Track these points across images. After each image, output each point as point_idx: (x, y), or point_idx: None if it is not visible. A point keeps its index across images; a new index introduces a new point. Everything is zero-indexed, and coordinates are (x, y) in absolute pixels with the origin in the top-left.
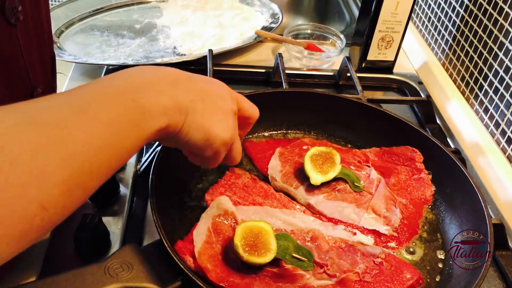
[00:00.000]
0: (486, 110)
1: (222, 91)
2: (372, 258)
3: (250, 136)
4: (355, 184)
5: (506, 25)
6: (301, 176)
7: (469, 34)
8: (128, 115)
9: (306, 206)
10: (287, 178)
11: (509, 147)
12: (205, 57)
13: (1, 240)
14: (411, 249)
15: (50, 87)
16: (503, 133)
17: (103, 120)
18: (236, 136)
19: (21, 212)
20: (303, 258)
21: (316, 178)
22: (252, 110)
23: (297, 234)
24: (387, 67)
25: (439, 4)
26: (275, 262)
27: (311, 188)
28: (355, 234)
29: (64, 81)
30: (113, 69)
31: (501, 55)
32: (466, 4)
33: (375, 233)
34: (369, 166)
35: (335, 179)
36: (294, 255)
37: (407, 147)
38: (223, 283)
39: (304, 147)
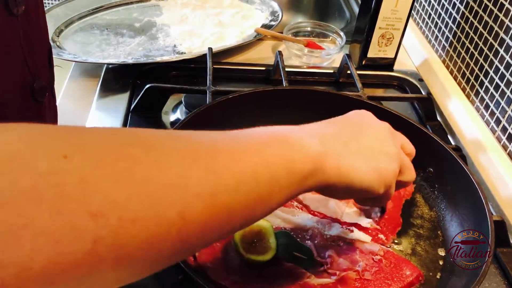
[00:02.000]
0: (487, 107)
1: (373, 121)
2: (371, 255)
3: None
4: None
5: (507, 21)
6: None
7: (469, 31)
8: (282, 151)
9: (296, 201)
10: None
11: (510, 144)
12: (205, 55)
13: (133, 242)
14: (411, 246)
15: (48, 79)
16: (504, 130)
17: (255, 148)
18: (401, 154)
19: (159, 213)
20: (303, 257)
21: None
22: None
23: (297, 232)
24: (388, 64)
25: (439, 0)
26: (275, 260)
27: None
28: (352, 231)
29: (64, 81)
30: (113, 67)
31: (501, 51)
32: (467, 1)
33: (359, 228)
34: None
35: None
36: (294, 253)
37: None
38: (223, 281)
39: None
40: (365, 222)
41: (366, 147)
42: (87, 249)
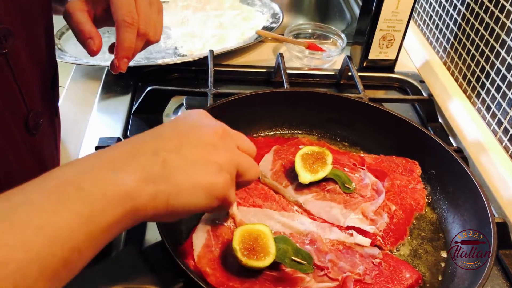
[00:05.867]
0: (488, 108)
1: (201, 126)
2: (370, 259)
3: (251, 135)
4: (346, 185)
5: (508, 22)
6: (292, 175)
7: (470, 32)
8: (72, 207)
9: (296, 205)
10: (277, 176)
11: (511, 145)
12: (206, 57)
13: None
14: (413, 248)
15: (50, 105)
16: (506, 131)
17: (42, 226)
18: (235, 157)
19: None
20: (302, 261)
21: (304, 176)
22: (250, 149)
23: (296, 237)
24: (389, 66)
25: (440, 2)
26: (275, 265)
27: (300, 187)
28: (352, 235)
29: (65, 84)
30: None
31: (503, 53)
32: (467, 2)
33: (359, 231)
34: (363, 169)
35: (326, 180)
36: (294, 258)
37: (407, 159)
38: (223, 287)
39: (301, 147)
40: (368, 227)
41: (189, 161)
42: None
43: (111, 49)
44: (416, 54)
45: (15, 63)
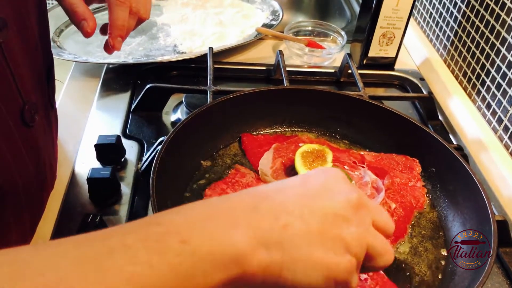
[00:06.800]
0: (488, 106)
1: (333, 191)
2: None
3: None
4: None
5: (508, 20)
6: (292, 173)
7: (470, 30)
8: (170, 262)
9: None
10: (277, 174)
11: (511, 142)
12: (205, 55)
13: None
14: (412, 246)
15: (45, 98)
16: (506, 129)
17: (128, 271)
18: (368, 237)
19: None
20: None
21: None
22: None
23: None
24: (389, 63)
25: None
26: None
27: None
28: None
29: (64, 81)
30: (113, 67)
31: (503, 50)
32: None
33: None
34: (363, 167)
35: None
36: None
37: (407, 156)
38: None
39: (301, 145)
40: None
41: (313, 230)
42: None
43: (103, 30)
44: (416, 51)
45: (9, 54)
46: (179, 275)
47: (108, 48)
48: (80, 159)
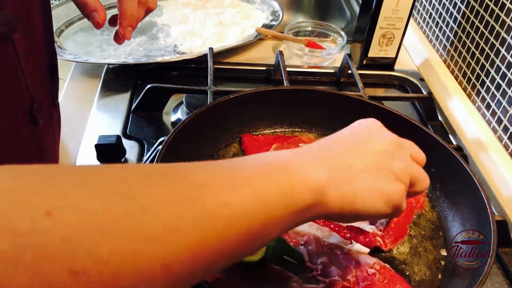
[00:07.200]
0: (488, 107)
1: (378, 134)
2: (365, 267)
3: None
4: None
5: (508, 20)
6: None
7: (470, 30)
8: (279, 185)
9: None
10: None
11: (511, 143)
12: (205, 55)
13: None
14: (412, 246)
15: (49, 95)
16: (506, 129)
17: (249, 184)
18: (410, 167)
19: (142, 268)
20: (293, 261)
21: None
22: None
23: (292, 237)
24: (388, 64)
25: (440, 0)
26: (265, 262)
27: None
28: (351, 242)
29: (64, 81)
30: (113, 68)
31: (503, 51)
32: (467, 0)
33: (359, 232)
34: None
35: None
36: (284, 257)
37: None
38: (208, 278)
39: (301, 145)
40: (368, 227)
41: (370, 167)
42: None
43: (112, 21)
44: (416, 52)
45: (19, 50)
46: (283, 192)
47: (118, 38)
48: (80, 159)
